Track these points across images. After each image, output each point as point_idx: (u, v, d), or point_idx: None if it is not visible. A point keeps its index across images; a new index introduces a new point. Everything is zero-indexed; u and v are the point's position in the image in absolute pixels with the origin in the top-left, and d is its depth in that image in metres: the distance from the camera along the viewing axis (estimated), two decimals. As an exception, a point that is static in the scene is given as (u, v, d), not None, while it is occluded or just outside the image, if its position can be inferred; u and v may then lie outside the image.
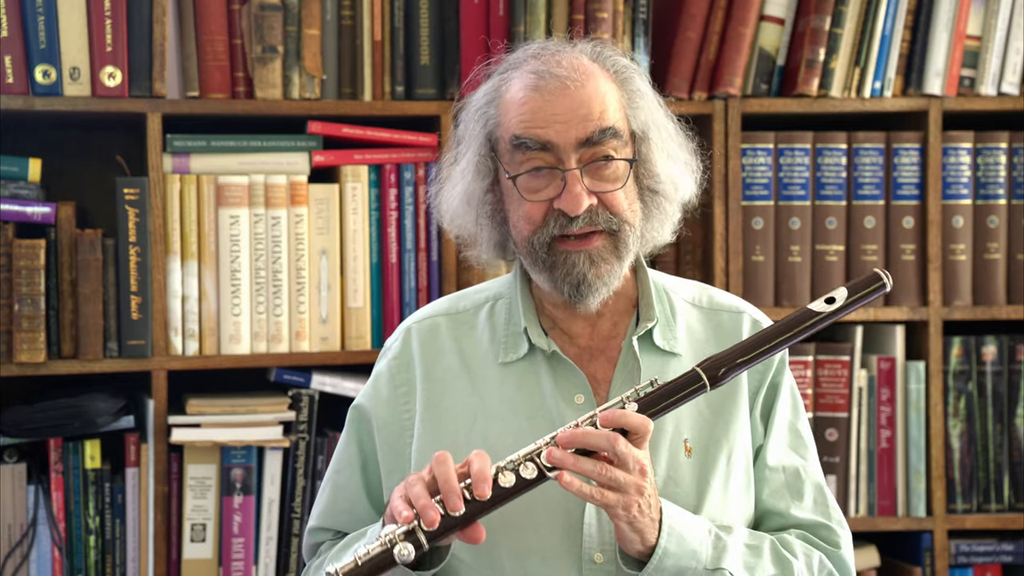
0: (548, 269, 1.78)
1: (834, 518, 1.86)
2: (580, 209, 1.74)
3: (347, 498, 1.89)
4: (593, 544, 1.76)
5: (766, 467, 1.85)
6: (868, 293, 1.75)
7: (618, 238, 1.78)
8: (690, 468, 1.80)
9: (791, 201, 2.84)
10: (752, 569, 1.75)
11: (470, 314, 1.91)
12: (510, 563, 1.77)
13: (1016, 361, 2.90)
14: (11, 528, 2.61)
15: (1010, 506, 2.90)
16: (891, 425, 2.86)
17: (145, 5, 2.61)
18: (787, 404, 1.89)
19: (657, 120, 1.83)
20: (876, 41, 2.82)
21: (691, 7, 2.81)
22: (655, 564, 1.68)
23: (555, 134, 1.74)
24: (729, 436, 1.82)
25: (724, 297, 1.93)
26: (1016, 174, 2.89)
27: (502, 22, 2.73)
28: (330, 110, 2.70)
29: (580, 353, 1.85)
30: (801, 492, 1.85)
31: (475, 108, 1.84)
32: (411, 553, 1.61)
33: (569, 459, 1.63)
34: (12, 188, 2.60)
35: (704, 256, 2.84)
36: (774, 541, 1.80)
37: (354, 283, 2.71)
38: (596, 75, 1.78)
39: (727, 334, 1.88)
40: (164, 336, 2.62)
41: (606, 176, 1.77)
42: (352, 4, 2.71)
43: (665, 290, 1.90)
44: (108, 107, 2.62)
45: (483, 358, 1.86)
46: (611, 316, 1.86)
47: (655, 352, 1.84)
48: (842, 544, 1.85)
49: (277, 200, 2.67)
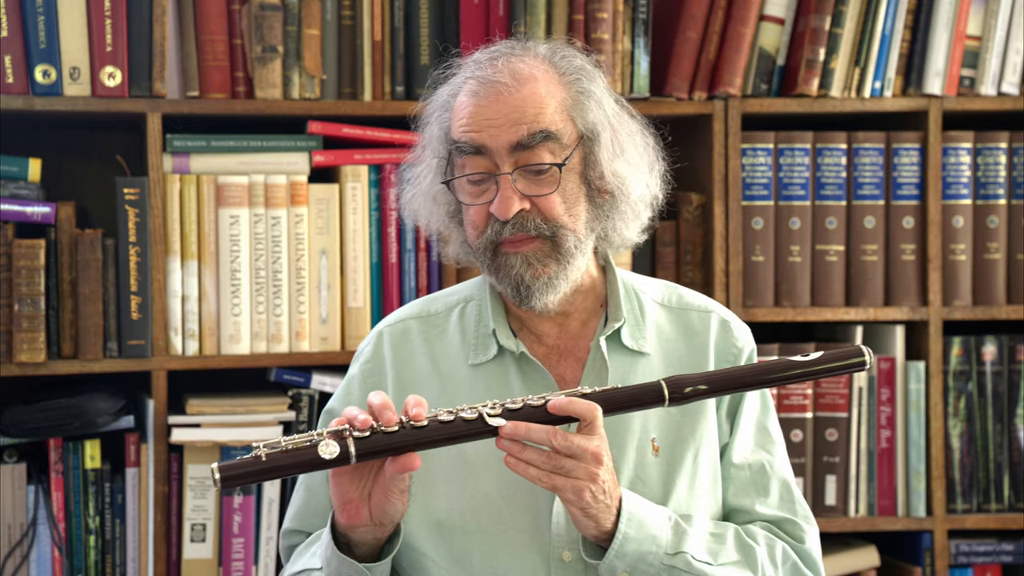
0: (494, 273, 1.81)
1: (800, 513, 1.88)
2: (509, 214, 1.76)
3: (320, 501, 1.89)
4: (561, 543, 1.77)
5: (731, 465, 1.87)
6: (847, 366, 1.75)
7: (555, 243, 1.79)
8: (657, 467, 1.82)
9: (791, 201, 2.84)
10: (715, 554, 1.76)
11: (441, 317, 1.92)
12: (479, 563, 1.78)
13: (1016, 361, 2.90)
14: (11, 528, 2.61)
15: (1010, 506, 2.90)
16: (891, 425, 2.86)
17: (145, 5, 2.61)
18: (755, 402, 1.90)
19: (609, 121, 1.84)
20: (876, 41, 2.82)
21: (691, 7, 2.81)
22: (616, 549, 1.70)
23: (488, 138, 1.77)
24: (696, 435, 1.84)
25: (693, 297, 1.95)
26: (1016, 174, 2.89)
27: (502, 22, 2.73)
28: (330, 110, 2.70)
29: (548, 353, 1.86)
30: (767, 488, 1.87)
31: (432, 110, 1.87)
32: (335, 451, 1.59)
33: (516, 447, 1.64)
34: (12, 188, 2.60)
35: (704, 256, 2.84)
36: (737, 529, 1.82)
37: (354, 283, 2.71)
38: (537, 78, 1.80)
39: (696, 333, 1.90)
40: (164, 336, 2.62)
41: (540, 180, 1.78)
42: (352, 4, 2.71)
43: (634, 290, 1.91)
44: (108, 107, 2.62)
45: (454, 360, 1.87)
46: (579, 316, 1.87)
47: (624, 352, 1.86)
48: (807, 539, 1.86)
49: (277, 200, 2.67)
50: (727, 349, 1.90)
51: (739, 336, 1.92)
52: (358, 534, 1.71)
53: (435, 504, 1.81)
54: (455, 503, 1.80)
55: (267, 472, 1.59)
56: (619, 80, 2.75)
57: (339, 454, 1.59)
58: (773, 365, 1.74)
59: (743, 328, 1.94)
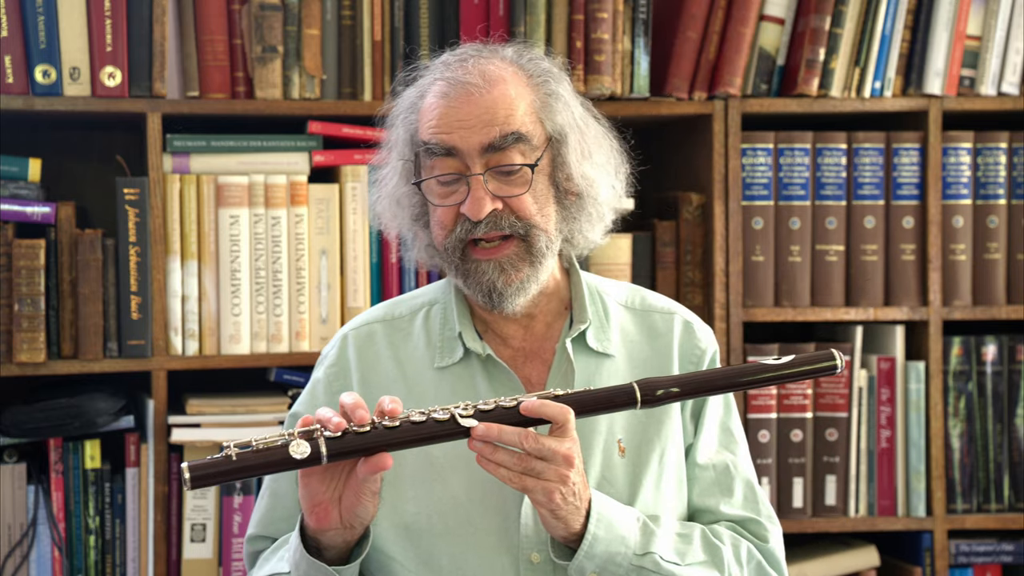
0: (463, 276, 1.81)
1: (764, 513, 1.89)
2: (482, 214, 1.76)
3: (285, 506, 1.88)
4: (530, 544, 1.78)
5: (696, 465, 1.88)
6: (818, 370, 1.75)
7: (528, 243, 1.79)
8: (623, 468, 1.83)
9: (791, 201, 2.84)
10: (682, 555, 1.77)
11: (406, 320, 1.92)
12: (448, 565, 1.78)
13: (1016, 361, 2.90)
14: (11, 528, 2.61)
15: (1010, 506, 2.90)
16: (891, 425, 2.86)
17: (145, 5, 2.61)
18: (718, 403, 1.91)
19: (577, 123, 1.85)
20: (876, 41, 2.82)
21: (691, 7, 2.81)
22: (585, 550, 1.70)
23: (459, 140, 1.77)
24: (662, 436, 1.85)
25: (656, 299, 1.96)
26: (1016, 174, 2.89)
27: (502, 22, 2.73)
28: (330, 110, 2.70)
29: (514, 355, 1.87)
30: (731, 488, 1.88)
31: (399, 112, 1.87)
32: (306, 451, 1.58)
33: (487, 448, 1.64)
34: (12, 188, 2.60)
35: (704, 256, 2.84)
36: (704, 530, 1.83)
37: (354, 283, 2.71)
38: (507, 80, 1.80)
39: (660, 335, 1.91)
40: (164, 336, 2.62)
41: (512, 181, 1.79)
42: (352, 4, 2.71)
43: (598, 292, 1.92)
44: (108, 107, 2.62)
45: (419, 363, 1.87)
46: (544, 318, 1.88)
47: (589, 354, 1.86)
48: (771, 538, 1.88)
49: (277, 200, 2.67)
50: (690, 350, 1.91)
51: (702, 337, 1.93)
52: (328, 537, 1.70)
53: (403, 507, 1.80)
54: (423, 506, 1.80)
55: (237, 471, 1.58)
56: (619, 80, 2.75)
57: (310, 454, 1.59)
58: (744, 369, 1.75)
59: (706, 330, 1.95)
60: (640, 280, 2.82)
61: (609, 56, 2.73)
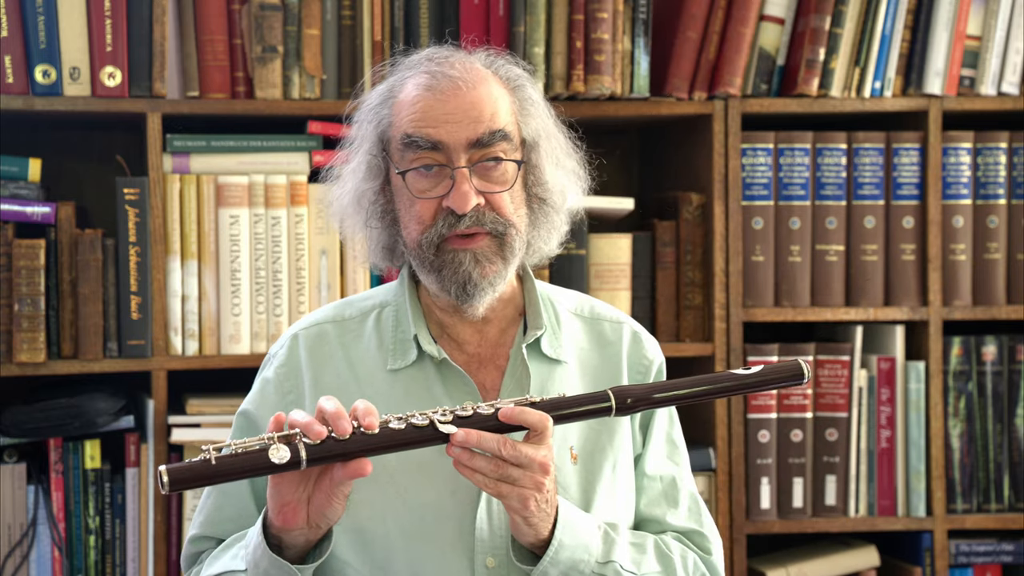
0: (436, 270, 1.79)
1: (706, 526, 1.90)
2: (468, 207, 1.75)
3: (233, 505, 1.86)
4: (485, 549, 1.77)
5: (644, 476, 1.89)
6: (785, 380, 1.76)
7: (503, 241, 1.78)
8: (576, 475, 1.82)
9: (791, 201, 2.84)
10: (639, 564, 1.78)
11: (356, 322, 1.90)
12: (403, 570, 1.77)
13: (1016, 361, 2.90)
14: (11, 528, 2.61)
15: (1010, 506, 2.90)
16: (891, 425, 2.86)
17: (145, 5, 2.61)
18: (664, 414, 1.92)
19: (548, 129, 1.84)
20: (876, 41, 2.82)
21: (691, 7, 2.81)
22: (551, 556, 1.70)
23: (446, 134, 1.76)
24: (614, 445, 1.85)
25: (604, 308, 1.96)
26: (1016, 174, 2.89)
27: (502, 22, 2.73)
28: (330, 110, 2.70)
29: (469, 360, 1.86)
30: (677, 500, 1.89)
31: (368, 108, 1.85)
32: (285, 456, 1.57)
33: (465, 454, 1.64)
34: (12, 188, 2.60)
35: (704, 256, 2.84)
36: (656, 540, 1.84)
37: (354, 283, 2.71)
38: (489, 79, 1.80)
39: (609, 343, 1.90)
40: (164, 336, 2.62)
41: (495, 177, 1.78)
42: (352, 4, 2.71)
43: (550, 300, 1.91)
44: (108, 107, 2.62)
45: (371, 365, 1.85)
46: (498, 323, 1.87)
47: (543, 360, 1.86)
48: (713, 551, 1.89)
49: (277, 200, 2.67)
50: (639, 360, 1.91)
51: (649, 348, 1.93)
52: (291, 536, 1.68)
53: (357, 511, 1.78)
54: (377, 510, 1.78)
55: (216, 476, 1.57)
56: (619, 80, 2.75)
57: (290, 459, 1.58)
58: (715, 378, 1.76)
59: (652, 341, 1.95)
60: (640, 280, 2.82)
61: (609, 56, 2.73)
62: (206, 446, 1.58)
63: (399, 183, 1.80)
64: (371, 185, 1.83)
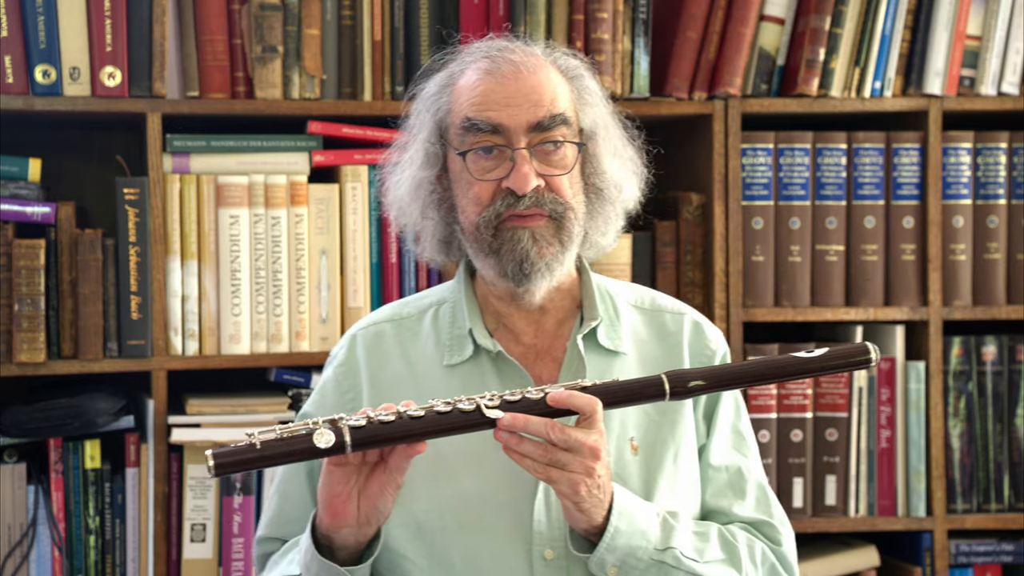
0: (494, 252, 1.79)
1: (776, 516, 1.88)
2: (528, 187, 1.75)
3: (294, 507, 1.88)
4: (543, 541, 1.77)
5: (709, 466, 1.88)
6: (851, 364, 1.73)
7: (561, 223, 1.79)
8: (636, 466, 1.82)
9: (791, 201, 2.84)
10: (701, 552, 1.77)
11: (414, 319, 1.91)
12: (460, 563, 1.77)
13: (1016, 361, 2.90)
14: (11, 528, 2.61)
15: (1010, 506, 2.90)
16: (891, 425, 2.86)
17: (145, 5, 2.61)
18: (729, 405, 1.91)
19: (605, 120, 1.85)
20: (876, 41, 2.82)
21: (691, 7, 2.81)
22: (607, 543, 1.69)
23: (507, 117, 1.76)
24: (676, 435, 1.84)
25: (665, 300, 1.96)
26: (1016, 174, 2.89)
27: (502, 22, 2.73)
28: (330, 110, 2.70)
29: (525, 352, 1.86)
30: (744, 491, 1.88)
31: (426, 97, 1.86)
32: (331, 440, 1.57)
33: (513, 439, 1.63)
34: (12, 188, 2.60)
35: (704, 256, 2.84)
36: (721, 528, 1.83)
37: (354, 283, 2.71)
38: (548, 67, 1.82)
39: (670, 334, 1.90)
40: (164, 336, 2.62)
41: (554, 161, 1.79)
42: (352, 4, 2.71)
43: (608, 292, 1.92)
44: (108, 107, 2.62)
45: (428, 362, 1.87)
46: (555, 314, 1.87)
47: (600, 352, 1.86)
48: (783, 541, 1.87)
49: (277, 200, 2.67)
50: (700, 350, 1.91)
51: (712, 338, 1.93)
52: (341, 536, 1.69)
53: (413, 505, 1.79)
54: (434, 504, 1.79)
55: (261, 460, 1.58)
56: (619, 80, 2.75)
57: (334, 443, 1.58)
58: (775, 362, 1.73)
59: (716, 331, 1.95)
60: (640, 280, 2.82)
61: (609, 56, 2.73)
62: (252, 430, 1.58)
63: (457, 167, 1.80)
64: (428, 174, 1.84)
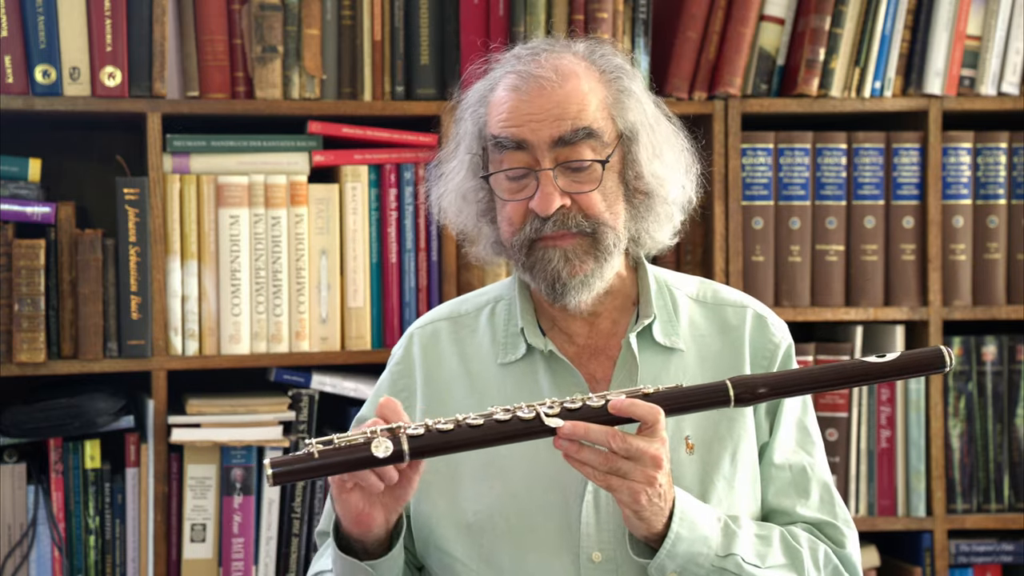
0: (528, 269, 1.79)
1: (840, 517, 1.85)
2: (551, 210, 1.74)
3: None
4: (591, 543, 1.75)
5: (772, 465, 1.84)
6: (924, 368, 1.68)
7: (595, 240, 1.77)
8: (692, 466, 1.79)
9: (791, 201, 2.84)
10: (763, 557, 1.74)
11: (471, 317, 1.91)
12: (509, 563, 1.77)
13: (1016, 361, 2.90)
14: (11, 528, 2.61)
15: (1010, 506, 2.90)
16: (891, 425, 2.86)
17: (145, 5, 2.61)
18: (796, 400, 1.86)
19: (648, 121, 1.82)
20: (876, 41, 2.82)
21: (691, 7, 2.81)
22: (668, 549, 1.68)
23: (529, 132, 1.75)
24: (733, 434, 1.81)
25: (728, 292, 1.92)
26: (1016, 174, 2.89)
27: (502, 22, 2.73)
28: (330, 110, 2.70)
29: (579, 352, 1.85)
30: (807, 490, 1.84)
31: (467, 106, 1.86)
32: (389, 448, 1.57)
33: (573, 447, 1.62)
34: (12, 188, 2.60)
35: (704, 256, 2.84)
36: (783, 531, 1.79)
37: (354, 283, 2.71)
38: (579, 75, 1.78)
39: (732, 328, 1.87)
40: (164, 336, 2.62)
41: (581, 177, 1.76)
42: (352, 4, 2.71)
43: (668, 286, 1.89)
44: (108, 107, 2.62)
45: (483, 360, 1.86)
46: (609, 315, 1.85)
47: (656, 349, 1.83)
48: (847, 543, 1.84)
49: (277, 200, 2.67)
50: (763, 344, 1.86)
51: (775, 332, 1.88)
52: (371, 536, 1.70)
53: (463, 506, 1.80)
54: (483, 504, 1.79)
55: (319, 469, 1.58)
56: (619, 80, 2.75)
57: (393, 452, 1.58)
58: (843, 367, 1.69)
59: (780, 323, 1.90)
60: (640, 280, 2.82)
61: (609, 56, 2.73)
62: (309, 440, 1.59)
63: (493, 182, 1.80)
64: (473, 183, 1.84)
